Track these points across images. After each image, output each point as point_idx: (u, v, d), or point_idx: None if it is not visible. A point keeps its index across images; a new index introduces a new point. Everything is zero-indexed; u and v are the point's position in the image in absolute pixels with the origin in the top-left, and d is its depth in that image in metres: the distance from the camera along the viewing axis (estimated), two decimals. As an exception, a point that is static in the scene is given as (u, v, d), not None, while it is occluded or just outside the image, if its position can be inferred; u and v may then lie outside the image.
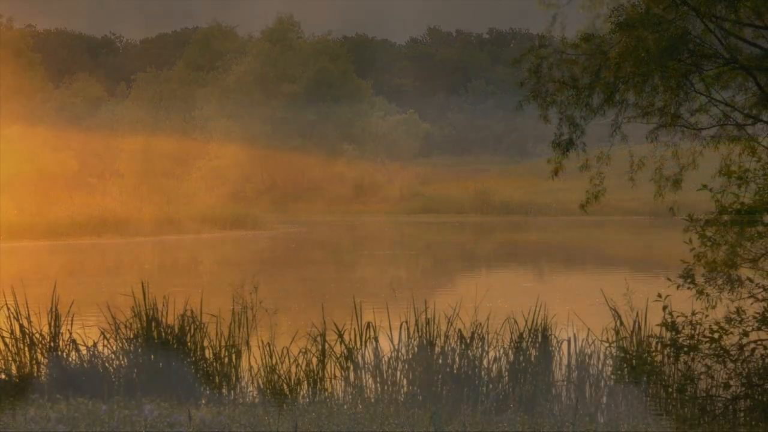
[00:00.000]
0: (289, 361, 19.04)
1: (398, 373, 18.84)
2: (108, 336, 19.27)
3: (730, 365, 16.27)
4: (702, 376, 16.68)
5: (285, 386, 18.88)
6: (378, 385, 18.81)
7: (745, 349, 16.16)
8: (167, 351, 19.04)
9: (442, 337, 18.91)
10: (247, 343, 19.60)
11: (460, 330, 18.84)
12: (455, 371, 18.59)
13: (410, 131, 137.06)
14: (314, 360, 19.04)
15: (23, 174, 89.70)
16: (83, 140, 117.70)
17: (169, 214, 78.95)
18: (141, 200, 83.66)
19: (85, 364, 18.97)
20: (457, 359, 18.69)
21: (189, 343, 19.29)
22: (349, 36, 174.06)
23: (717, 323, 16.20)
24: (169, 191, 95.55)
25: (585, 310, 22.58)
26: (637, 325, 18.84)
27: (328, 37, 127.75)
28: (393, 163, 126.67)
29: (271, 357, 19.06)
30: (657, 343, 17.43)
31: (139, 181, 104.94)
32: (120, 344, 19.19)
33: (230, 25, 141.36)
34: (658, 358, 17.64)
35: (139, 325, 19.24)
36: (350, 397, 18.59)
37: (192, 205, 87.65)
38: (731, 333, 16.21)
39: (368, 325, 19.14)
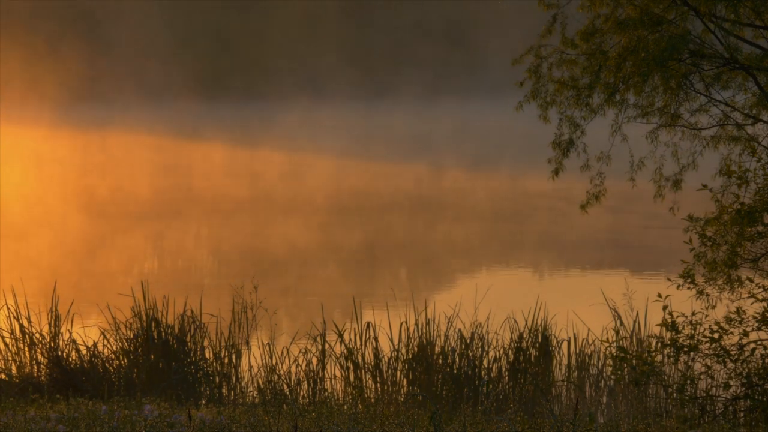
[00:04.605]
0: (289, 361, 19.03)
1: (398, 373, 18.84)
2: (108, 336, 19.25)
3: (730, 365, 16.25)
4: (702, 376, 16.66)
5: (285, 386, 18.88)
6: (378, 385, 18.81)
7: (745, 349, 16.14)
8: (167, 351, 19.03)
9: (442, 337, 18.92)
10: (247, 343, 19.60)
11: (460, 330, 18.84)
12: (455, 371, 18.59)
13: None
14: (314, 360, 19.02)
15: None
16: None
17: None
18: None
19: (85, 364, 18.96)
20: (457, 359, 18.70)
21: (189, 343, 19.28)
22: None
23: (717, 323, 16.17)
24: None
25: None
26: (637, 325, 18.86)
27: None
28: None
29: (271, 357, 19.05)
30: (657, 343, 17.42)
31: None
32: (120, 344, 19.18)
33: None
34: (658, 358, 17.63)
35: (139, 325, 19.23)
36: (350, 397, 18.59)
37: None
38: (731, 333, 16.19)
39: (368, 325, 19.13)
